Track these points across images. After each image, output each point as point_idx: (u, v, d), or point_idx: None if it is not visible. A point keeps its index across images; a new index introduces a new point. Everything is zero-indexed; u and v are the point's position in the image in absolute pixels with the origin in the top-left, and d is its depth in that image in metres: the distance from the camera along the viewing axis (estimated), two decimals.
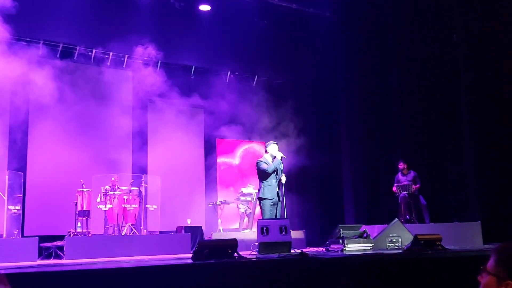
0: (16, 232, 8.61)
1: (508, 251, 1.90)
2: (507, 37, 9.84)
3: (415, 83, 11.40)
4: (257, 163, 7.59)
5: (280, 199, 7.50)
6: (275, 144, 7.76)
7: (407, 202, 10.20)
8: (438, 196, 10.71)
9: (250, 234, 10.02)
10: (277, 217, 7.35)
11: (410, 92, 11.54)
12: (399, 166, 10.52)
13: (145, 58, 12.00)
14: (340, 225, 7.61)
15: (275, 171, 7.47)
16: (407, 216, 10.07)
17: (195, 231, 10.02)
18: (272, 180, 7.43)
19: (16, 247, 7.58)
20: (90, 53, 11.77)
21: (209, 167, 13.37)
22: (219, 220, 11.25)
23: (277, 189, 7.47)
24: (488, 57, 9.93)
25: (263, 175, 7.47)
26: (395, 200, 10.51)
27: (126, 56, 12.10)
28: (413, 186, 10.19)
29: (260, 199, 7.48)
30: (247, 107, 12.71)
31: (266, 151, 7.77)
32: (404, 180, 10.39)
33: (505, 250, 1.91)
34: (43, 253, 8.64)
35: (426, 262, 5.98)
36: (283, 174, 7.64)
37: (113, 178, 10.44)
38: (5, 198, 8.53)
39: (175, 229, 10.66)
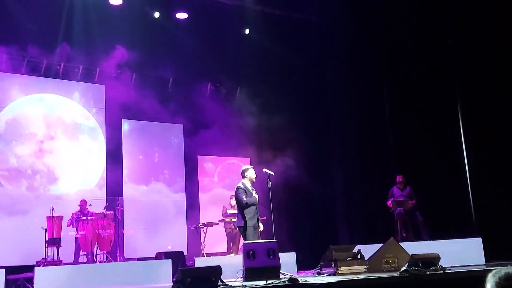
0: None
1: (497, 273, 2.11)
2: (503, 41, 10.04)
3: (410, 93, 11.55)
4: (236, 190, 7.78)
5: (259, 224, 7.83)
6: (253, 169, 7.96)
7: (403, 218, 10.30)
8: (436, 211, 10.82)
9: (236, 258, 9.99)
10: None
11: (404, 102, 11.68)
12: (397, 179, 10.64)
13: (118, 71, 12.04)
14: (332, 246, 7.63)
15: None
16: (404, 234, 10.16)
17: (176, 257, 9.98)
18: (252, 207, 7.63)
19: None
20: (58, 67, 11.77)
21: (191, 186, 13.34)
22: (203, 245, 11.23)
23: (257, 215, 7.69)
24: (485, 63, 10.11)
25: (243, 206, 7.66)
26: (390, 216, 10.61)
27: (98, 69, 12.12)
28: (409, 201, 10.31)
29: (241, 227, 7.68)
30: (230, 121, 12.76)
31: (243, 176, 7.93)
32: (399, 194, 10.50)
33: (495, 273, 2.12)
34: (11, 286, 8.56)
35: (425, 284, 6.04)
36: (261, 222, 7.91)
37: (79, 204, 10.39)
38: None
39: (154, 256, 10.61)
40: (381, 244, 8.11)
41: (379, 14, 11.79)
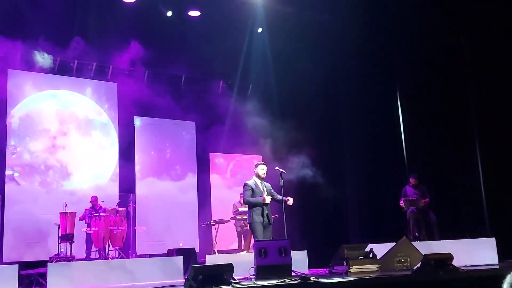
0: None
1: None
2: None
3: (422, 92, 11.45)
4: (243, 187, 7.74)
5: (271, 222, 7.63)
6: (264, 165, 7.88)
7: (416, 217, 10.20)
8: (449, 210, 10.72)
9: (247, 256, 9.98)
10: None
11: (416, 101, 11.58)
12: (410, 181, 10.56)
13: (131, 68, 12.05)
14: (344, 245, 7.58)
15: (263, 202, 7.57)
16: (416, 233, 10.07)
17: (188, 254, 9.97)
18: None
19: None
20: (72, 64, 11.81)
21: (202, 183, 13.34)
22: (214, 242, 11.22)
23: (266, 212, 7.56)
24: (498, 63, 10.02)
25: (245, 203, 7.69)
26: (402, 215, 10.52)
27: (111, 67, 12.14)
28: (422, 200, 10.21)
29: (250, 224, 7.63)
30: (242, 119, 12.71)
31: (254, 172, 7.90)
32: (412, 193, 10.41)
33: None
34: (24, 281, 8.58)
35: (438, 283, 5.98)
36: (288, 199, 7.72)
37: (90, 200, 10.43)
38: None
39: (166, 252, 10.62)
40: (393, 244, 8.06)
41: (393, 12, 11.68)
